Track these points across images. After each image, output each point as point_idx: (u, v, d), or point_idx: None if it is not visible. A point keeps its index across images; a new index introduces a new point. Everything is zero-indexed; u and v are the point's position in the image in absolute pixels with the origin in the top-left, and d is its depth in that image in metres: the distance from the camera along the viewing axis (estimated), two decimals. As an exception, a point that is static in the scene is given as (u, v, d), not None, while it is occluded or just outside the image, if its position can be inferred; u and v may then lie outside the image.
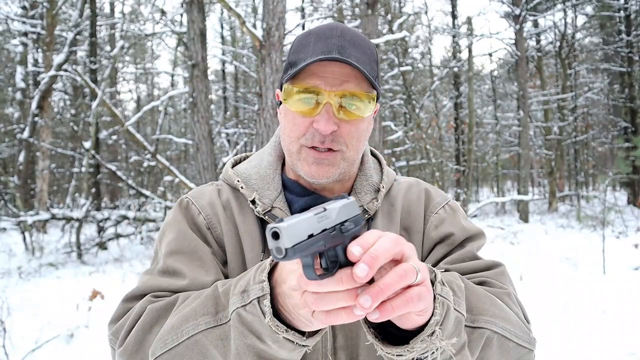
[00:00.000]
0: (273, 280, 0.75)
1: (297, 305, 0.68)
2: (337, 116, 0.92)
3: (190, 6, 8.37)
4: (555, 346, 4.32)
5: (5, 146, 18.03)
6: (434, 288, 0.74)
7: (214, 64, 24.50)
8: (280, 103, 1.00)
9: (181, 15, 16.08)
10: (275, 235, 0.57)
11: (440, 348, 0.73)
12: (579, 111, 20.68)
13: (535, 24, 19.91)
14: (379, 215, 1.04)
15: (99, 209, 12.00)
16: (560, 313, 5.21)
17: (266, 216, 0.99)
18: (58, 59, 11.35)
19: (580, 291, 6.09)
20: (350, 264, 0.62)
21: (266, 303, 0.73)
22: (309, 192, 1.02)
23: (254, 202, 1.01)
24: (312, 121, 0.93)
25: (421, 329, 0.73)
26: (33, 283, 7.60)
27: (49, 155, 13.49)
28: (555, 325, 4.86)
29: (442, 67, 19.09)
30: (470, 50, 15.44)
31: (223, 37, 22.73)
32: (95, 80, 12.14)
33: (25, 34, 14.38)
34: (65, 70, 11.37)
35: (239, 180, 1.04)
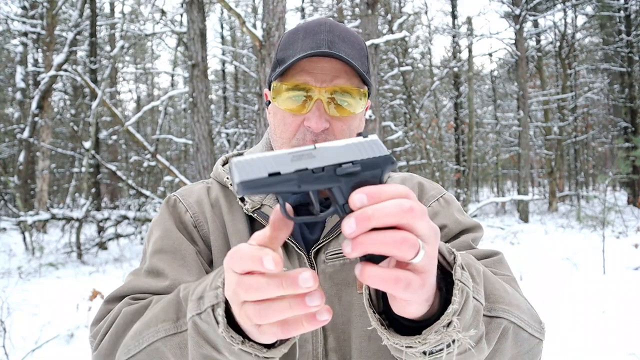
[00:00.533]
0: None
1: (240, 318, 0.59)
2: (329, 113, 0.90)
3: (190, 6, 8.37)
4: (556, 346, 4.32)
5: (5, 146, 18.04)
6: (454, 272, 0.65)
7: (214, 64, 24.53)
8: (269, 103, 0.98)
9: (181, 15, 16.09)
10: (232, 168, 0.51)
11: (457, 341, 0.64)
12: (579, 111, 20.68)
13: (535, 24, 19.91)
14: None
15: (99, 209, 12.00)
16: (560, 313, 5.21)
17: (255, 214, 0.96)
18: (58, 59, 11.35)
19: (580, 291, 6.09)
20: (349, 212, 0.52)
21: (219, 312, 0.65)
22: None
23: (242, 200, 0.98)
24: (303, 119, 0.91)
25: (435, 318, 0.64)
26: (33, 283, 7.60)
27: (49, 155, 13.49)
28: (556, 326, 4.85)
29: (442, 67, 19.10)
30: (470, 50, 15.44)
31: (223, 37, 22.73)
32: (95, 80, 12.14)
33: (25, 34, 14.38)
34: (65, 70, 11.37)
35: (228, 178, 1.02)
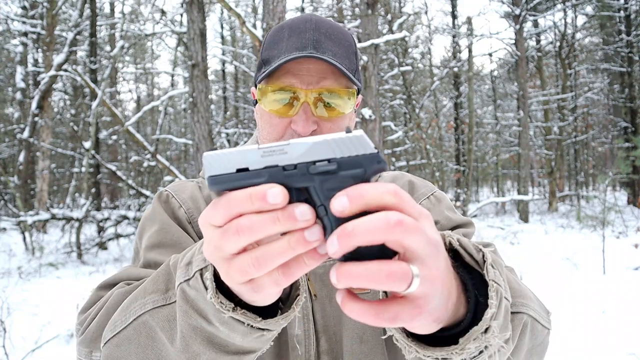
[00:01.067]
0: None
1: (230, 276, 0.51)
2: (316, 115, 0.88)
3: (190, 6, 8.37)
4: (556, 346, 4.32)
5: (5, 146, 18.04)
6: (486, 272, 0.60)
7: (214, 64, 24.54)
8: (257, 102, 0.96)
9: (181, 15, 16.09)
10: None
11: (496, 346, 0.58)
12: (579, 111, 20.68)
13: (535, 24, 19.91)
14: None
15: (99, 209, 12.00)
16: (560, 313, 5.21)
17: None
18: (58, 59, 11.35)
19: (580, 291, 6.09)
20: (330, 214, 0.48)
21: (207, 275, 0.59)
22: None
23: None
24: (290, 121, 0.89)
25: (464, 321, 0.58)
26: (33, 283, 7.60)
27: (49, 155, 13.49)
28: (555, 326, 4.85)
29: (442, 67, 19.10)
30: (470, 50, 15.44)
31: (223, 37, 22.74)
32: (95, 80, 12.14)
33: (25, 34, 14.38)
34: (65, 70, 11.37)
35: None
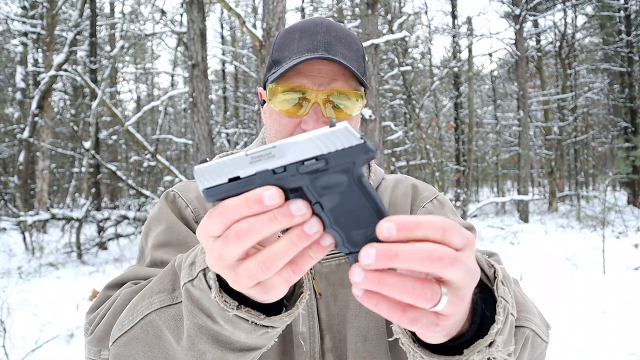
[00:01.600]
0: None
1: (239, 282, 0.52)
2: (326, 115, 0.90)
3: (190, 6, 8.37)
4: (556, 346, 4.32)
5: (5, 146, 18.04)
6: (496, 288, 0.61)
7: (214, 64, 24.55)
8: (264, 102, 0.96)
9: (181, 15, 16.10)
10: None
11: (499, 359, 0.60)
12: (579, 111, 20.68)
13: (535, 24, 19.92)
14: None
15: (99, 209, 12.00)
16: (560, 313, 5.21)
17: None
18: (58, 59, 11.35)
19: (580, 291, 6.09)
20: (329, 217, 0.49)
21: (211, 275, 0.61)
22: None
23: None
24: (299, 121, 0.90)
25: (474, 337, 0.59)
26: (33, 283, 7.60)
27: (49, 155, 13.49)
28: (556, 326, 4.86)
29: (442, 67, 19.10)
30: (470, 50, 15.43)
31: (223, 37, 22.74)
32: (95, 80, 12.14)
33: (25, 34, 14.39)
34: (65, 70, 11.38)
35: None
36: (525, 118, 15.60)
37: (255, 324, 0.60)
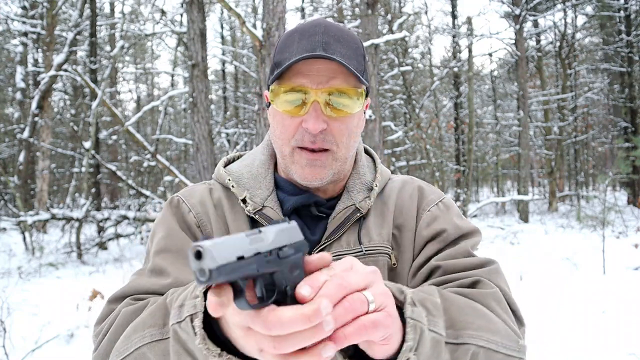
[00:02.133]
0: None
1: (246, 348, 0.60)
2: (326, 113, 0.90)
3: (190, 6, 8.37)
4: (556, 346, 4.32)
5: (5, 146, 18.04)
6: (404, 311, 0.68)
7: (214, 64, 24.54)
8: (269, 105, 0.98)
9: (181, 15, 16.10)
10: (198, 254, 0.50)
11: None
12: (579, 111, 20.68)
13: (535, 24, 19.91)
14: (372, 213, 1.01)
15: (99, 209, 12.00)
16: (560, 313, 5.21)
17: (257, 215, 0.97)
18: (58, 59, 11.35)
19: (580, 291, 6.09)
20: (291, 295, 0.58)
21: (197, 322, 0.65)
22: (301, 191, 1.00)
23: (244, 201, 0.99)
24: (301, 121, 0.91)
25: (395, 356, 0.67)
26: (33, 283, 7.60)
27: (49, 155, 13.49)
28: (556, 325, 4.86)
29: (442, 67, 19.10)
30: (470, 50, 15.44)
31: (223, 37, 22.74)
32: (95, 80, 12.14)
33: (25, 34, 14.39)
34: (65, 70, 11.37)
35: (230, 179, 1.02)
36: (525, 118, 15.60)
37: None
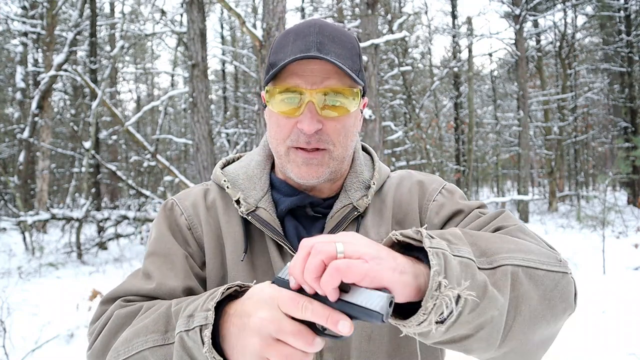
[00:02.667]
0: (231, 308, 0.73)
1: (253, 353, 0.66)
2: (321, 114, 0.90)
3: (190, 6, 8.37)
4: (555, 346, 4.32)
5: (5, 146, 18.03)
6: (424, 244, 0.68)
7: (214, 64, 24.52)
8: (265, 106, 0.98)
9: (181, 15, 16.09)
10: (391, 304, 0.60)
11: (458, 297, 0.64)
12: (579, 111, 20.67)
13: (535, 24, 19.90)
14: (370, 212, 1.01)
15: (99, 209, 12.00)
16: (560, 313, 5.20)
17: (250, 217, 0.97)
18: (58, 59, 11.35)
19: (580, 291, 6.07)
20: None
21: (207, 333, 0.70)
22: (297, 192, 1.00)
23: (238, 202, 0.99)
24: (296, 122, 0.91)
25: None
26: (33, 283, 7.60)
27: (49, 155, 13.49)
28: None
29: (442, 67, 19.09)
30: (470, 50, 15.44)
31: (223, 37, 22.73)
32: (95, 80, 12.14)
33: (25, 34, 14.38)
34: (65, 70, 11.37)
35: (225, 180, 1.02)
36: (525, 118, 15.60)
37: None
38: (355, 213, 0.99)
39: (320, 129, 0.91)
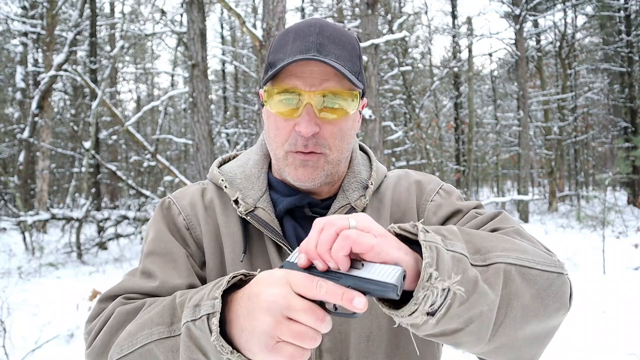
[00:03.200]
0: (237, 295, 0.72)
1: (264, 332, 0.66)
2: (319, 116, 0.90)
3: (190, 6, 8.37)
4: (555, 346, 4.32)
5: (5, 146, 18.03)
6: (418, 237, 0.69)
7: (214, 64, 24.49)
8: (263, 104, 0.98)
9: (181, 15, 16.09)
10: (404, 277, 0.63)
11: (448, 290, 0.66)
12: (579, 111, 20.66)
13: (535, 24, 19.90)
14: (367, 211, 1.01)
15: (99, 209, 12.00)
16: (560, 313, 5.20)
17: (248, 217, 0.96)
18: (58, 59, 11.35)
19: (580, 291, 6.09)
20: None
21: (214, 321, 0.70)
22: (295, 192, 1.00)
23: (236, 202, 0.98)
24: (294, 124, 0.91)
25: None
26: (33, 283, 7.60)
27: (49, 155, 13.49)
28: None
29: (442, 67, 19.09)
30: (470, 50, 15.44)
31: (223, 37, 22.72)
32: (95, 80, 12.14)
33: (25, 34, 14.38)
34: (65, 70, 11.37)
35: (222, 180, 1.01)
36: (525, 118, 15.59)
37: None
38: (353, 213, 0.99)
39: (318, 132, 0.90)
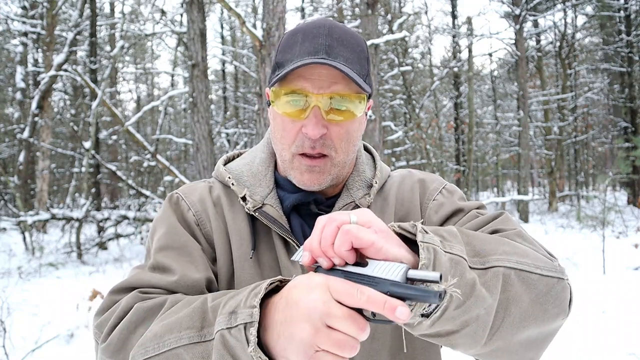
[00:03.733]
0: (273, 300, 0.71)
1: (303, 340, 0.63)
2: (326, 118, 0.90)
3: (190, 6, 8.37)
4: (555, 346, 4.32)
5: (5, 146, 18.03)
6: (417, 237, 0.69)
7: (214, 64, 24.49)
8: (270, 104, 0.98)
9: (181, 15, 16.09)
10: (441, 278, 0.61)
11: (446, 294, 0.65)
12: (579, 111, 20.66)
13: (535, 24, 19.91)
14: (372, 210, 1.01)
15: (99, 209, 12.00)
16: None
17: (257, 213, 0.96)
18: (58, 59, 11.35)
19: (580, 291, 6.09)
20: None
21: (252, 331, 0.67)
22: (300, 189, 0.99)
23: (244, 199, 0.98)
24: (301, 125, 0.91)
25: None
26: (33, 283, 7.60)
27: (49, 155, 13.49)
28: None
29: (442, 67, 19.09)
30: (470, 50, 15.44)
31: (223, 37, 22.73)
32: (95, 80, 12.14)
33: (25, 34, 14.38)
34: (65, 70, 11.37)
35: (230, 177, 1.02)
36: (525, 118, 15.60)
37: None
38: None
39: (325, 133, 0.91)
